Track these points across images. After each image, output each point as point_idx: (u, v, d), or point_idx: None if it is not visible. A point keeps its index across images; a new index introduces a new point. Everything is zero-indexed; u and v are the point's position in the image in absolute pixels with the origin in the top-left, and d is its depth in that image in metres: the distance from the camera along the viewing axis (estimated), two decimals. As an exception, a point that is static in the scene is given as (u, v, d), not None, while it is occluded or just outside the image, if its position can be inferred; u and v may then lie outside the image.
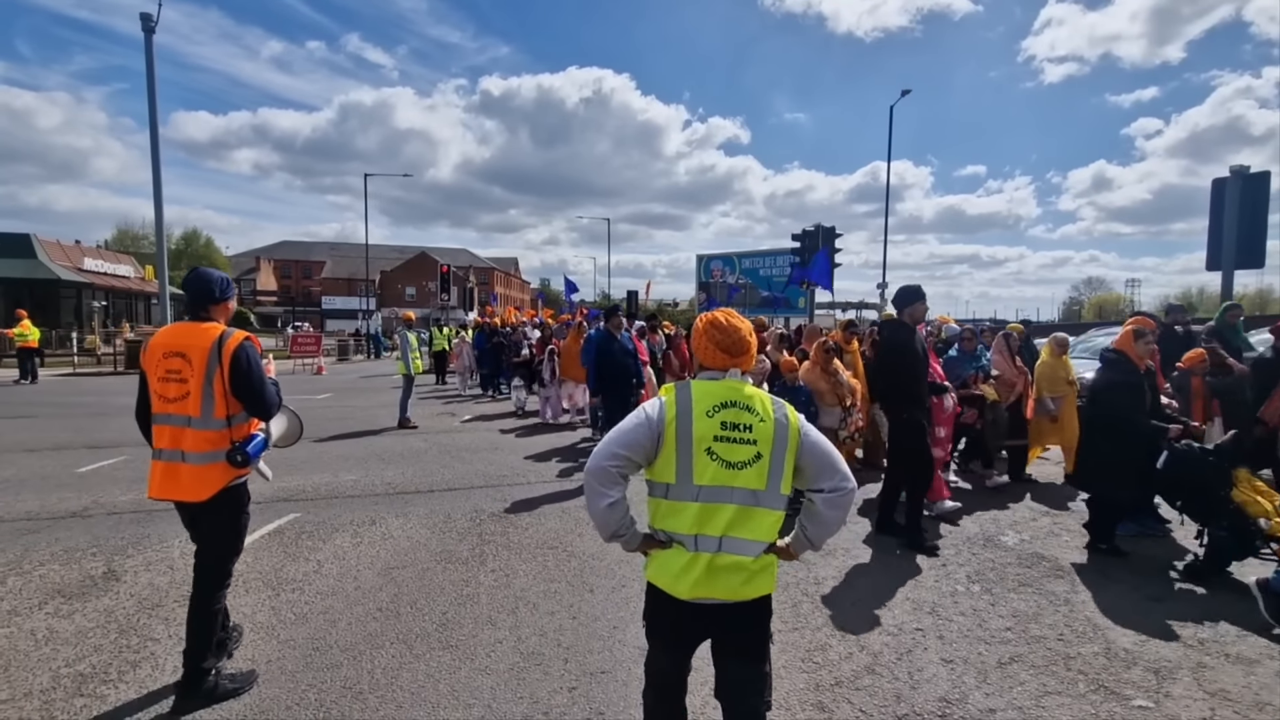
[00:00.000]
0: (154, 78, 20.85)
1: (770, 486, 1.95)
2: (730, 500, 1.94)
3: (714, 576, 1.94)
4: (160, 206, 21.88)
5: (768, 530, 1.98)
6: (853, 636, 3.62)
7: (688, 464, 1.94)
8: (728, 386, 2.02)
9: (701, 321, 2.13)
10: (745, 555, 1.94)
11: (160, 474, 2.90)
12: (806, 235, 15.99)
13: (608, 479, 1.97)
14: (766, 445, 1.95)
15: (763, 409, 1.99)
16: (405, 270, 70.63)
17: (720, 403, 1.97)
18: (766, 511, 1.97)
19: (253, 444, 2.94)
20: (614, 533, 2.03)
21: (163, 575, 4.38)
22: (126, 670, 3.20)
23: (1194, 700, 3.03)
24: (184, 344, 2.87)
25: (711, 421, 1.95)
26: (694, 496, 1.95)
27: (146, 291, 38.56)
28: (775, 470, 1.95)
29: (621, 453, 1.97)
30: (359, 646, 3.46)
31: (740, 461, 1.94)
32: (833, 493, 1.96)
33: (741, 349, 2.06)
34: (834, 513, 1.99)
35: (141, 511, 5.81)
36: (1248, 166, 7.80)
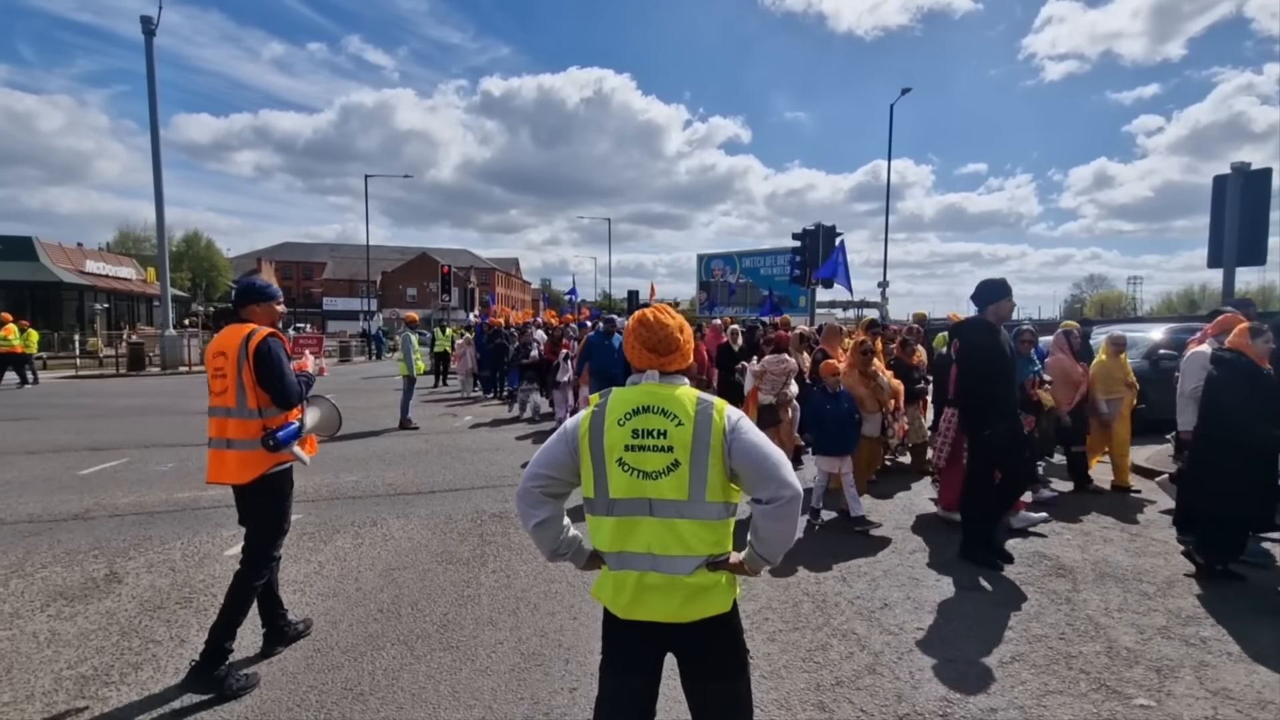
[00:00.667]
0: (154, 80, 20.89)
1: (694, 496, 1.77)
2: (647, 513, 1.80)
3: (646, 596, 1.80)
4: (161, 209, 21.93)
5: (702, 544, 1.79)
6: (853, 636, 3.62)
7: (602, 477, 1.82)
8: (644, 390, 1.86)
9: (631, 320, 1.98)
10: (677, 573, 1.77)
11: (212, 460, 3.21)
12: (807, 234, 15.98)
13: (530, 499, 1.89)
14: (684, 451, 1.76)
15: (682, 411, 1.80)
16: (406, 271, 70.74)
17: (633, 408, 1.82)
18: (695, 524, 1.78)
19: (284, 431, 3.16)
20: (553, 551, 1.93)
21: (164, 577, 4.39)
22: (128, 672, 3.21)
23: (1196, 699, 3.02)
24: (225, 343, 3.19)
25: (622, 430, 1.80)
26: (608, 510, 1.83)
27: (148, 293, 38.65)
28: (697, 478, 1.76)
29: (542, 472, 1.88)
30: (360, 648, 3.46)
31: (654, 471, 1.77)
32: (770, 503, 1.74)
33: (668, 347, 1.88)
34: (775, 525, 1.77)
35: (143, 514, 5.82)
36: (1249, 163, 7.78)
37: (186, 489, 6.65)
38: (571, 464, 1.88)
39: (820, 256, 15.28)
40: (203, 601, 4.00)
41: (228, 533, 5.28)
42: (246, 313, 3.32)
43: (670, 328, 1.90)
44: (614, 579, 1.85)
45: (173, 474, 7.32)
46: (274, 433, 3.11)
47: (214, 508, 5.99)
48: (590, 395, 2.08)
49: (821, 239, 15.48)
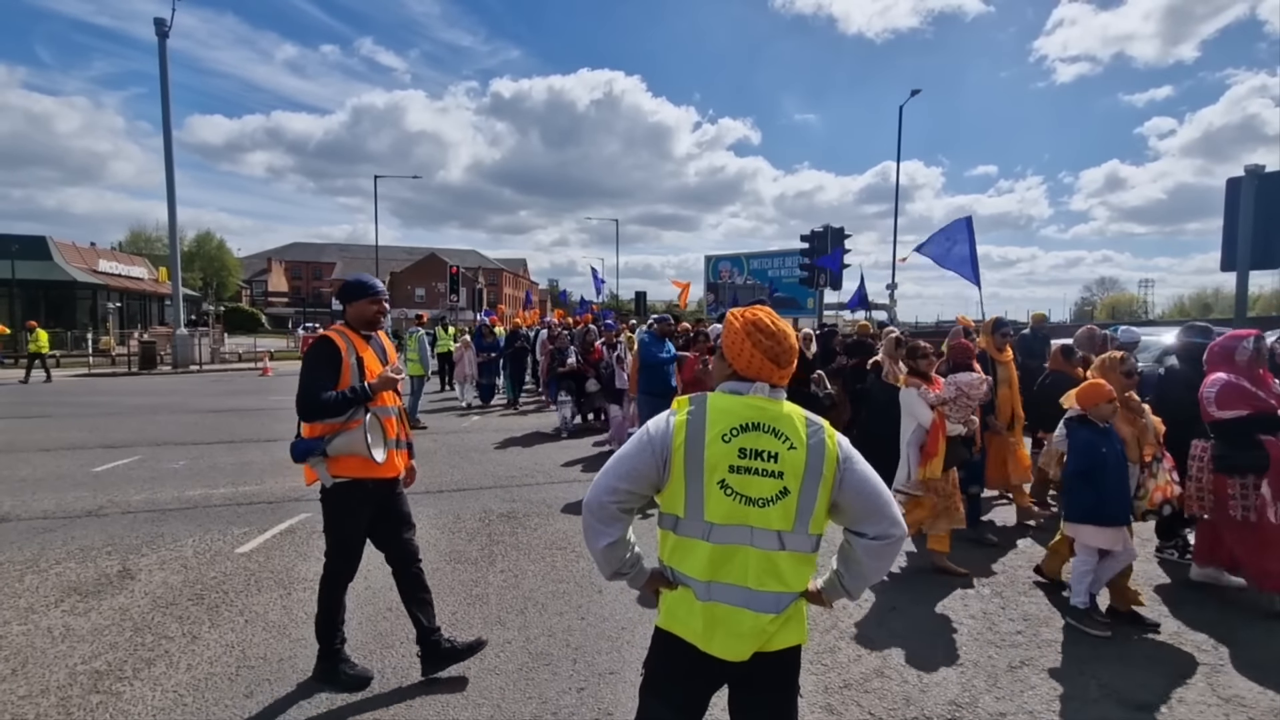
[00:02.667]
0: (167, 81, 21.09)
1: (798, 527, 1.63)
2: (749, 542, 1.62)
3: (730, 633, 1.63)
4: (173, 209, 22.17)
5: (796, 580, 1.66)
6: (863, 638, 3.61)
7: (698, 497, 1.63)
8: (752, 404, 1.67)
9: (739, 320, 1.74)
10: (770, 611, 1.62)
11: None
12: (815, 236, 15.95)
13: (606, 516, 1.69)
14: (795, 479, 1.61)
15: (794, 433, 1.64)
16: (415, 271, 71.02)
17: (741, 424, 1.64)
18: (795, 556, 1.64)
19: (307, 443, 2.94)
20: (616, 572, 1.76)
21: (176, 574, 4.43)
22: (141, 668, 3.24)
23: (1208, 706, 3.00)
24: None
25: (728, 448, 1.62)
26: (705, 535, 1.64)
27: (160, 293, 38.98)
28: (805, 508, 1.62)
29: (622, 486, 1.68)
30: (369, 645, 3.49)
31: (760, 498, 1.61)
32: (877, 540, 1.63)
33: (790, 359, 1.71)
34: (876, 563, 1.68)
35: (156, 511, 5.87)
36: (1263, 166, 7.71)
37: (198, 487, 6.71)
38: (656, 478, 1.67)
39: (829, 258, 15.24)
40: (214, 599, 4.04)
41: (239, 530, 5.33)
42: (343, 312, 3.15)
43: (792, 338, 1.73)
44: (701, 611, 1.64)
45: (184, 472, 7.38)
46: (297, 440, 2.96)
47: (225, 506, 6.04)
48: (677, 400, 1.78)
49: (830, 241, 15.45)
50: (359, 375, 2.96)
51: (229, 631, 3.63)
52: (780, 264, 37.31)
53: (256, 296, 75.51)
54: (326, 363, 2.90)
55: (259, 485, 6.80)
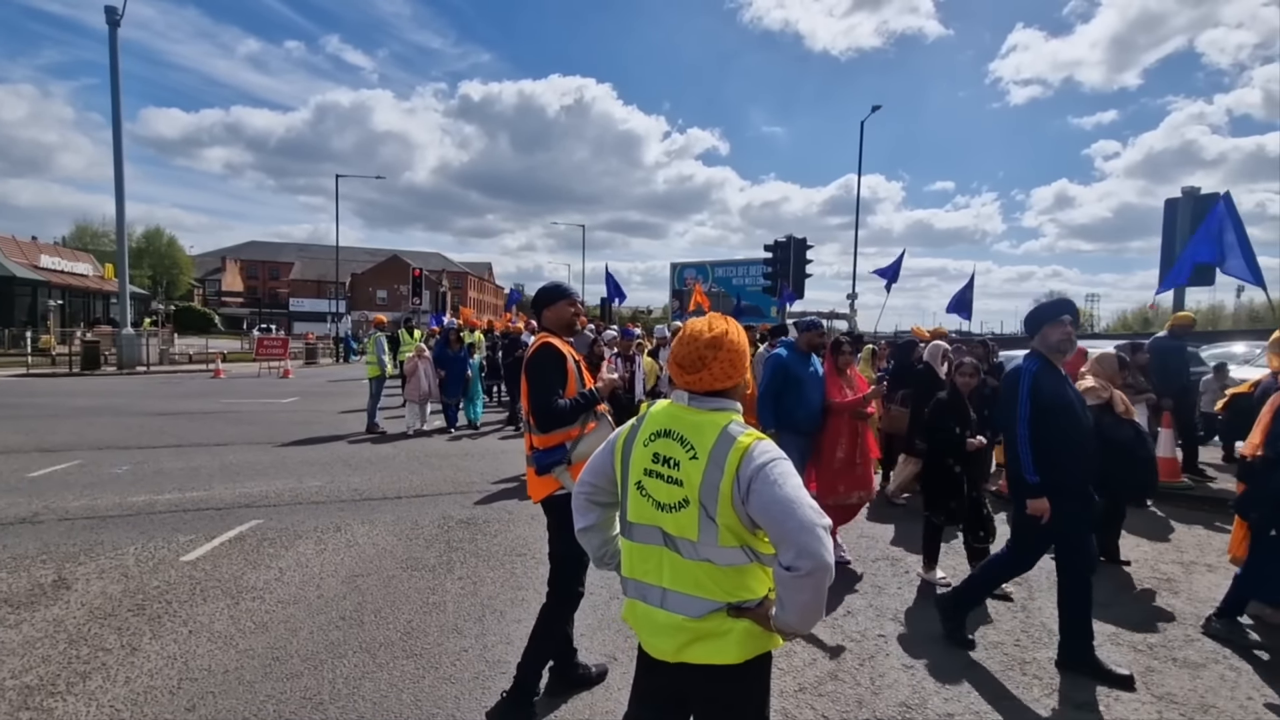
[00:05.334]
0: (117, 70, 20.35)
1: (703, 538, 1.56)
2: (660, 543, 1.64)
3: (652, 630, 1.67)
4: (122, 203, 21.32)
5: (714, 589, 1.58)
6: (816, 642, 3.67)
7: (625, 496, 1.73)
8: (671, 411, 1.69)
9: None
10: (686, 614, 1.60)
11: (528, 475, 3.01)
12: (779, 246, 16.21)
13: (579, 504, 1.86)
14: (693, 490, 1.57)
15: (700, 443, 1.58)
16: (377, 273, 69.75)
17: (658, 429, 1.67)
18: (710, 567, 1.58)
19: (546, 454, 2.84)
20: (599, 559, 1.91)
21: (116, 583, 4.25)
22: (76, 682, 3.10)
23: (1142, 704, 3.13)
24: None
25: (645, 451, 1.68)
26: (628, 534, 1.72)
27: (106, 290, 37.46)
28: (707, 521, 1.55)
29: (587, 478, 1.84)
30: (320, 655, 3.40)
31: (668, 503, 1.62)
32: (788, 570, 1.45)
33: (693, 365, 1.66)
34: (793, 595, 1.47)
35: (95, 517, 5.63)
36: (1199, 188, 8.13)
37: (141, 493, 6.45)
38: (613, 474, 1.79)
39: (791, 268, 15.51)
40: (156, 609, 3.89)
41: (185, 538, 5.15)
42: (545, 319, 3.05)
43: (699, 343, 1.66)
44: (629, 606, 1.76)
45: (127, 477, 7.09)
46: (538, 455, 2.86)
47: (171, 512, 5.83)
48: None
49: (792, 251, 15.71)
50: (580, 380, 2.94)
51: (171, 643, 3.49)
52: (745, 272, 37.78)
53: (210, 296, 73.13)
54: (555, 369, 2.84)
55: (207, 491, 6.58)
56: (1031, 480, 3.30)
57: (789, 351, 4.90)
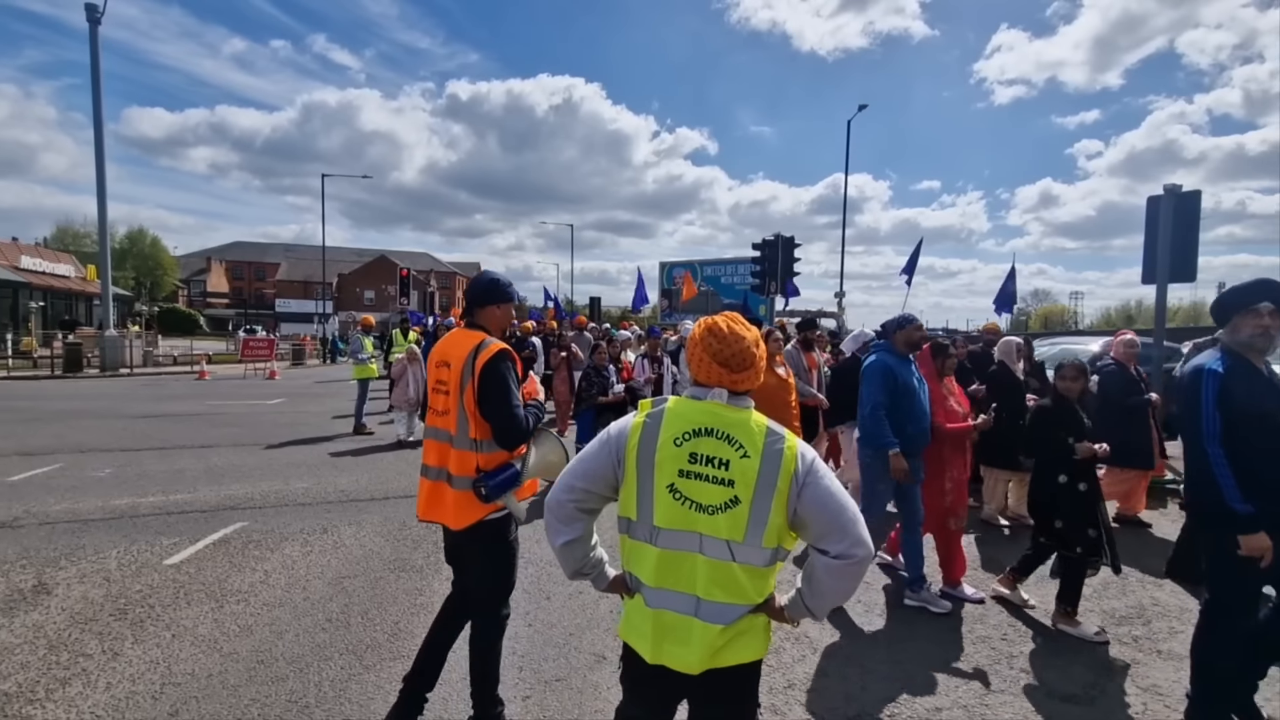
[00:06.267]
0: (99, 69, 20.09)
1: (749, 539, 1.57)
2: (697, 549, 1.60)
3: (679, 643, 1.61)
4: (104, 203, 21.04)
5: (750, 591, 1.61)
6: (806, 640, 3.68)
7: (648, 500, 1.62)
8: (708, 409, 1.64)
9: (699, 328, 1.75)
10: (720, 622, 1.59)
11: (426, 493, 2.67)
12: (766, 245, 16.21)
13: (564, 515, 1.72)
14: (747, 488, 1.56)
15: (749, 441, 1.59)
16: (364, 273, 69.23)
17: (694, 428, 1.61)
18: (747, 569, 1.59)
19: (498, 477, 2.52)
20: (577, 571, 1.79)
21: (98, 588, 4.19)
22: (55, 688, 3.05)
23: (1128, 695, 3.16)
24: (450, 351, 2.62)
25: (679, 451, 1.60)
26: (651, 539, 1.63)
27: (88, 292, 36.94)
28: (757, 520, 1.56)
29: (579, 485, 1.70)
30: (306, 658, 3.36)
31: (710, 505, 1.58)
32: (839, 559, 1.54)
33: (743, 363, 1.66)
34: (838, 583, 1.59)
35: (77, 521, 5.55)
36: (1180, 185, 8.20)
37: (124, 496, 6.36)
38: (614, 479, 1.68)
39: (779, 266, 15.54)
40: (138, 613, 3.83)
41: (168, 541, 5.08)
42: (483, 316, 2.71)
43: (746, 340, 1.67)
44: (649, 617, 1.65)
45: (110, 480, 7.00)
46: (486, 478, 2.49)
47: (154, 515, 5.75)
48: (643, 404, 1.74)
49: (780, 249, 15.74)
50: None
51: (154, 647, 3.45)
52: (734, 271, 37.87)
53: (194, 297, 72.38)
54: (516, 378, 2.60)
55: (191, 494, 6.50)
56: (1242, 510, 2.55)
57: (890, 354, 4.16)
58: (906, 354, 4.19)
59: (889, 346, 4.21)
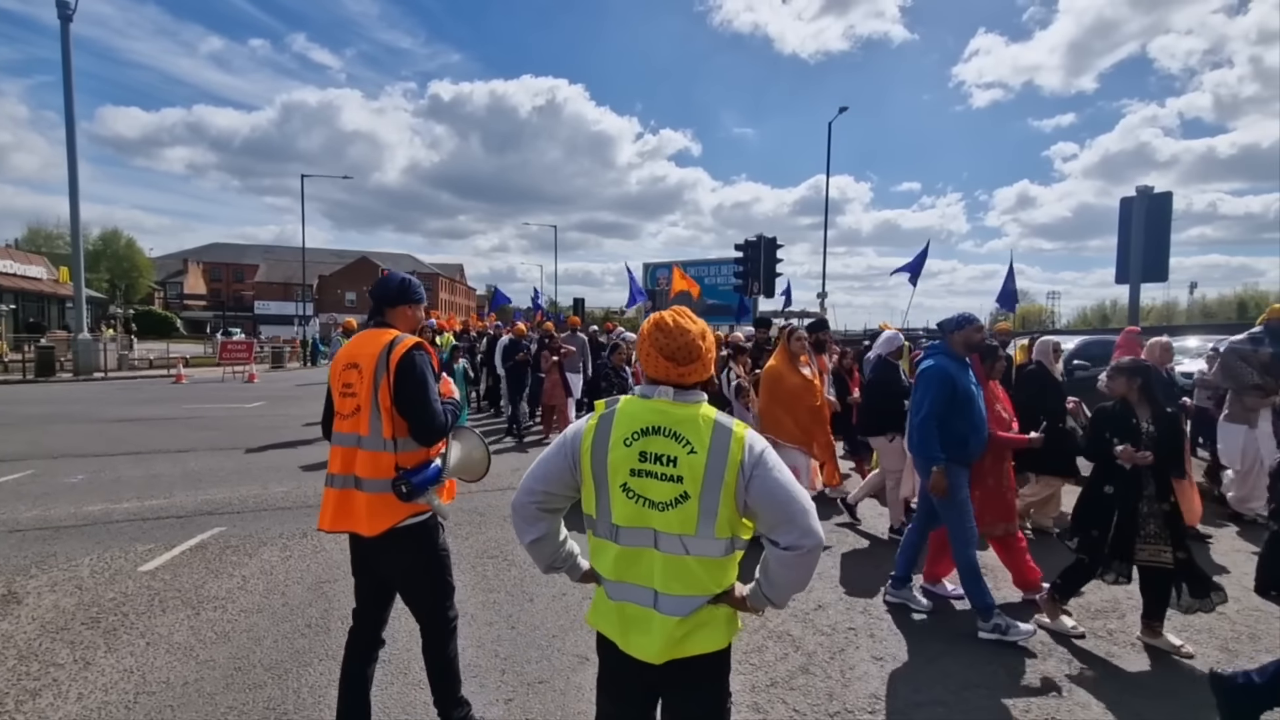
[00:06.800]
0: (70, 67, 19.71)
1: (701, 531, 1.60)
2: (652, 545, 1.64)
3: (641, 633, 1.66)
4: (76, 203, 20.64)
5: (707, 583, 1.64)
6: (788, 637, 3.70)
7: (605, 499, 1.67)
8: (655, 408, 1.66)
9: (647, 323, 1.76)
10: (678, 613, 1.63)
11: (333, 503, 2.51)
12: (750, 245, 16.32)
13: (527, 515, 1.76)
14: (695, 484, 1.59)
15: (695, 437, 1.61)
16: (345, 275, 68.52)
17: (642, 428, 1.64)
18: (703, 560, 1.62)
19: (420, 474, 2.43)
20: (549, 565, 1.84)
21: (69, 596, 4.10)
22: (25, 699, 2.98)
23: (1101, 689, 3.21)
24: (359, 352, 2.51)
25: (629, 451, 1.63)
26: (612, 536, 1.67)
27: (60, 294, 36.21)
28: (707, 513, 1.59)
29: (538, 487, 1.73)
30: (285, 665, 3.32)
31: (660, 501, 1.61)
32: (789, 550, 1.57)
33: (689, 356, 1.66)
34: (790, 573, 1.62)
35: (48, 528, 5.43)
36: (1152, 187, 8.38)
37: (98, 502, 6.24)
38: (571, 480, 1.72)
39: (762, 267, 15.64)
40: (111, 621, 3.76)
41: (143, 547, 4.99)
42: (395, 316, 2.65)
43: (692, 334, 1.68)
44: (613, 609, 1.70)
45: (83, 486, 6.86)
46: (407, 476, 2.40)
47: (129, 521, 5.65)
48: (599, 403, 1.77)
49: (763, 250, 15.84)
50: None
51: (127, 656, 3.38)
52: (716, 271, 38.00)
53: (171, 299, 71.17)
54: (433, 374, 2.53)
55: (167, 499, 6.39)
56: None
57: (949, 358, 3.83)
58: (965, 356, 3.91)
59: (946, 349, 3.89)
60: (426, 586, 2.61)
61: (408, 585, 2.62)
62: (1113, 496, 3.56)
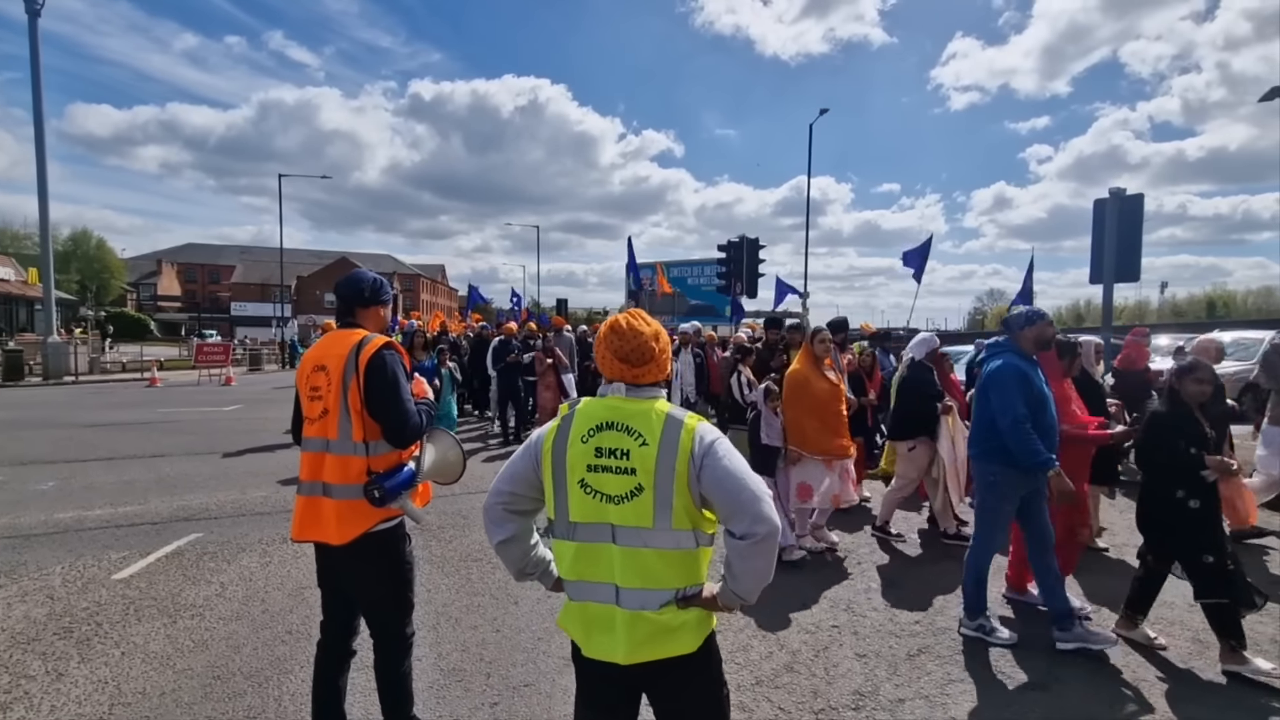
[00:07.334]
0: (39, 63, 19.28)
1: (658, 524, 1.60)
2: (609, 540, 1.64)
3: (603, 632, 1.66)
4: (45, 202, 20.17)
5: (669, 577, 1.63)
6: (773, 635, 3.72)
7: (563, 498, 1.68)
8: (610, 404, 1.70)
9: (604, 327, 1.80)
10: (643, 608, 1.62)
11: (301, 511, 2.43)
12: (732, 246, 16.39)
13: (495, 517, 1.78)
14: (648, 475, 1.60)
15: (647, 429, 1.63)
16: (324, 275, 67.56)
17: (596, 424, 1.66)
18: (661, 553, 1.62)
19: (394, 478, 2.37)
20: (520, 571, 1.83)
21: (40, 606, 4.00)
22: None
23: (1079, 682, 3.27)
24: (326, 354, 2.43)
25: (585, 448, 1.65)
26: (570, 535, 1.68)
27: (29, 296, 35.33)
28: (662, 505, 1.60)
29: (505, 488, 1.76)
30: (265, 672, 3.27)
31: (616, 495, 1.62)
32: (743, 539, 1.56)
33: (641, 357, 1.70)
34: (748, 563, 1.60)
35: (17, 536, 5.30)
36: (1124, 189, 8.55)
37: (69, 509, 6.10)
38: (536, 480, 1.74)
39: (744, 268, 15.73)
40: (85, 631, 3.68)
41: (117, 555, 4.89)
42: (366, 317, 2.57)
43: (644, 335, 1.72)
44: (576, 610, 1.71)
45: (54, 493, 6.70)
46: (380, 480, 2.33)
47: (102, 529, 5.53)
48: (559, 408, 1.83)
49: (745, 251, 15.93)
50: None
51: (102, 666, 3.31)
52: (699, 272, 38.11)
53: (144, 301, 69.77)
54: (405, 374, 2.47)
55: (142, 505, 6.26)
56: None
57: (1019, 356, 3.64)
58: (1034, 354, 3.70)
59: (1014, 347, 3.68)
60: (388, 598, 2.50)
61: (368, 595, 2.51)
62: (1202, 510, 3.34)
